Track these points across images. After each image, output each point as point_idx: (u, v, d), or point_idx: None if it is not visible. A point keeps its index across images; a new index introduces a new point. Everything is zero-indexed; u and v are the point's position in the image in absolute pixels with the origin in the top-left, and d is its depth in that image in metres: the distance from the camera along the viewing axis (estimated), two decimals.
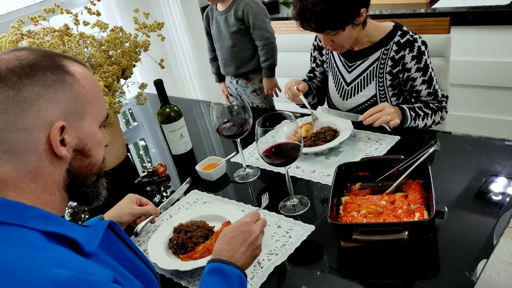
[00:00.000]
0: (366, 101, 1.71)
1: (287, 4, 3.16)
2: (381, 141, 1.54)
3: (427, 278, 1.03)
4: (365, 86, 1.70)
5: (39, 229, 0.76)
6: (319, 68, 1.90)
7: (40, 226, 0.76)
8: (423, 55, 1.58)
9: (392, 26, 1.63)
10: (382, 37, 1.63)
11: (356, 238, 1.05)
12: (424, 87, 1.60)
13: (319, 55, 1.87)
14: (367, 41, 1.65)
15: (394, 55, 1.61)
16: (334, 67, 1.79)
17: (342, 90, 1.77)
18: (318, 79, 1.92)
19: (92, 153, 0.87)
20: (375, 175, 1.28)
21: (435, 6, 2.42)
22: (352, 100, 1.75)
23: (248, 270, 1.11)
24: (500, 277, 2.00)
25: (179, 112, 1.70)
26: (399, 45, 1.60)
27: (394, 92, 1.68)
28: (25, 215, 0.77)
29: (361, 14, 1.52)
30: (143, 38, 1.73)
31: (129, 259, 0.96)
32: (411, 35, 1.59)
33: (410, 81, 1.62)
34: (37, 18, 1.61)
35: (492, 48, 2.31)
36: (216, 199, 1.47)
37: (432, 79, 1.61)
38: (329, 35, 1.55)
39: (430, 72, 1.60)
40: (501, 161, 1.32)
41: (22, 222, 0.75)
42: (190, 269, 1.16)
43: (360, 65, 1.69)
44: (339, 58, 1.76)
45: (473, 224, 1.14)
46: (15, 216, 0.76)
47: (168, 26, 3.16)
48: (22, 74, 0.78)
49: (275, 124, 1.34)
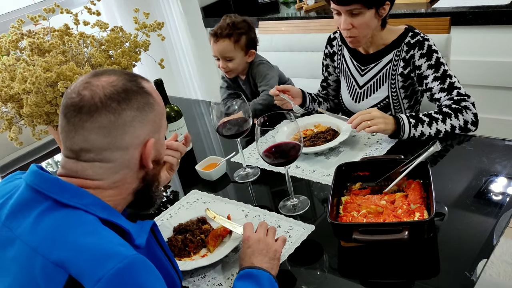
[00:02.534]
0: (379, 103, 1.71)
1: (287, 4, 3.16)
2: (381, 141, 1.54)
3: (427, 278, 1.03)
4: (377, 88, 1.70)
5: (98, 215, 0.84)
6: (332, 76, 1.89)
7: (99, 213, 0.84)
8: (434, 53, 1.56)
9: (404, 29, 1.63)
10: (394, 39, 1.63)
11: (356, 238, 1.05)
12: (437, 84, 1.54)
13: (331, 62, 1.86)
14: (381, 43, 1.65)
15: (405, 55, 1.61)
16: (346, 71, 1.79)
17: (355, 93, 1.77)
18: (332, 87, 1.92)
19: (161, 160, 0.99)
20: (375, 175, 1.28)
21: (435, 6, 2.42)
22: (364, 102, 1.74)
23: None
24: (500, 277, 2.00)
25: (179, 112, 1.70)
26: (409, 45, 1.59)
27: (406, 94, 1.67)
28: (87, 201, 0.84)
29: (385, 6, 1.53)
30: (143, 38, 1.73)
31: (163, 265, 0.98)
32: (422, 36, 1.58)
33: (423, 79, 1.58)
34: (37, 18, 1.61)
35: (492, 48, 2.31)
36: (216, 199, 1.47)
37: (446, 76, 1.54)
38: (351, 14, 1.52)
39: (444, 69, 1.54)
40: (501, 161, 1.32)
41: (84, 206, 0.83)
42: (190, 269, 1.16)
43: (373, 68, 1.69)
44: (351, 62, 1.75)
45: (473, 224, 1.14)
46: (78, 201, 0.83)
47: (168, 26, 3.15)
48: (120, 100, 0.87)
49: (275, 124, 1.34)
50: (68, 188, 0.85)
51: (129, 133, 0.87)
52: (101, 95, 0.85)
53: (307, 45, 2.24)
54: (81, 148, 0.86)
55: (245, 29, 1.94)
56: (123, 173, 0.89)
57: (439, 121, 1.47)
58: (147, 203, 0.99)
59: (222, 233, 1.24)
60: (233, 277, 1.14)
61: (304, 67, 2.26)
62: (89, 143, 0.86)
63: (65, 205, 0.83)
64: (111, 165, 0.88)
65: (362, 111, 1.49)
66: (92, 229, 0.81)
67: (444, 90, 1.54)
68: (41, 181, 0.85)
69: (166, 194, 1.59)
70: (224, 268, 1.18)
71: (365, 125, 1.44)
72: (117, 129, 0.86)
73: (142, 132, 0.89)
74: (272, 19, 2.97)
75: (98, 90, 0.86)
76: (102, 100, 0.85)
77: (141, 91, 0.90)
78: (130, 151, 0.89)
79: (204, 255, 1.21)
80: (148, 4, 3.04)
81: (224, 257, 1.18)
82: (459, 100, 1.51)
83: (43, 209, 0.82)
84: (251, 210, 1.37)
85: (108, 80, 0.88)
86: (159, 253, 0.98)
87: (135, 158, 0.90)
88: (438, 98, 1.56)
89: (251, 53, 1.98)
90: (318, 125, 1.68)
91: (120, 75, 0.90)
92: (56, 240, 0.79)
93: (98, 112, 0.85)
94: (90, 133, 0.85)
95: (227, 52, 1.94)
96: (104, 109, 0.85)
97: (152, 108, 0.91)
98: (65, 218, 0.82)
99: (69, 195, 0.84)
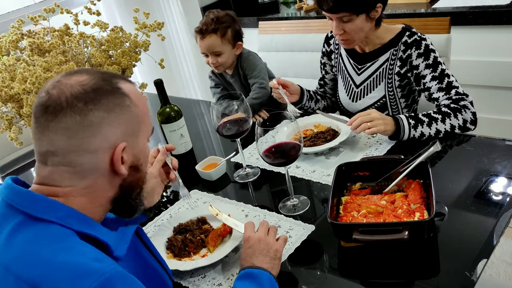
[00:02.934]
0: (375, 102, 1.71)
1: (287, 4, 3.16)
2: (381, 141, 1.54)
3: (427, 278, 1.03)
4: (374, 87, 1.70)
5: (73, 228, 0.80)
6: (329, 75, 1.89)
7: (74, 226, 0.80)
8: (431, 52, 1.55)
9: (401, 28, 1.63)
10: (391, 38, 1.63)
11: (356, 238, 1.05)
12: (435, 83, 1.54)
13: (328, 60, 1.86)
14: (377, 43, 1.65)
15: (402, 55, 1.61)
16: (343, 70, 1.79)
17: (352, 92, 1.77)
18: (328, 86, 1.92)
19: (142, 167, 0.91)
20: (375, 175, 1.28)
21: (435, 6, 2.42)
22: (361, 101, 1.74)
23: None
24: (500, 277, 2.00)
25: (179, 112, 1.70)
26: (406, 44, 1.59)
27: (403, 93, 1.67)
28: (62, 214, 0.80)
29: (377, 9, 1.53)
30: (143, 38, 1.73)
31: (152, 267, 0.97)
32: (419, 35, 1.58)
33: (421, 79, 1.58)
34: (37, 18, 1.61)
35: (492, 48, 2.31)
36: (216, 199, 1.47)
37: (444, 75, 1.54)
38: (342, 21, 1.53)
39: (442, 69, 1.54)
40: (501, 161, 1.32)
41: (58, 220, 0.79)
42: (190, 269, 1.16)
43: (369, 67, 1.69)
44: (348, 61, 1.76)
45: (473, 224, 1.14)
46: (52, 214, 0.79)
47: (168, 26, 3.15)
48: (87, 100, 0.81)
49: (275, 124, 1.34)
50: (40, 200, 0.81)
51: (98, 135, 0.82)
52: (68, 94, 0.81)
53: (307, 45, 2.24)
54: (47, 150, 0.82)
55: (230, 22, 1.93)
56: (92, 178, 0.84)
57: (438, 121, 1.47)
58: (127, 211, 0.93)
59: (222, 233, 1.24)
60: (233, 277, 1.14)
61: (304, 67, 2.26)
62: (54, 145, 0.81)
63: (38, 219, 0.79)
64: (78, 169, 0.82)
65: (361, 112, 1.49)
66: (67, 245, 0.77)
67: (442, 89, 1.54)
68: (14, 195, 0.82)
69: (166, 194, 1.59)
70: (224, 268, 1.18)
71: (365, 127, 1.44)
72: (83, 131, 0.81)
73: (112, 135, 0.83)
74: (272, 19, 2.98)
75: (66, 89, 0.81)
76: (68, 99, 0.81)
77: (115, 92, 0.85)
78: (99, 154, 0.83)
79: (204, 255, 1.21)
80: (148, 4, 3.04)
81: (224, 257, 1.18)
82: (458, 99, 1.51)
83: (16, 225, 0.79)
84: (251, 210, 1.37)
85: (78, 79, 0.83)
86: (147, 256, 0.97)
87: (105, 163, 0.84)
88: (436, 98, 1.56)
89: (239, 46, 1.98)
90: (318, 125, 1.69)
91: (94, 74, 0.85)
92: (29, 258, 0.75)
93: (62, 112, 0.80)
94: (55, 134, 0.81)
95: (216, 46, 1.93)
96: (69, 109, 0.80)
97: (127, 110, 0.85)
98: (39, 234, 0.78)
99: (42, 209, 0.80)
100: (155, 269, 0.97)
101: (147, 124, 0.91)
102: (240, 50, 2.00)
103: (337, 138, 1.55)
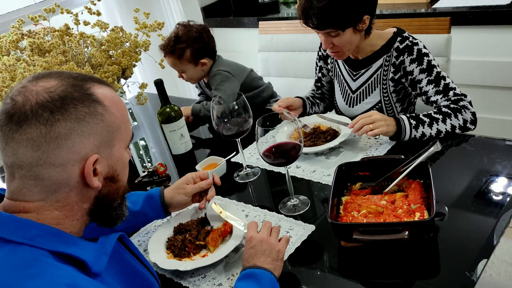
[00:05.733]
0: (372, 107, 1.71)
1: (287, 4, 3.16)
2: (381, 141, 1.54)
3: (427, 278, 1.03)
4: (370, 93, 1.70)
5: (46, 248, 0.74)
6: (325, 78, 1.89)
7: (47, 246, 0.75)
8: (424, 56, 1.55)
9: (393, 33, 1.62)
10: (383, 44, 1.62)
11: (356, 238, 1.05)
12: (431, 87, 1.54)
13: (325, 64, 1.86)
14: (369, 50, 1.65)
15: (395, 61, 1.60)
16: (339, 75, 1.79)
17: (348, 98, 1.77)
18: (325, 88, 1.92)
19: (120, 177, 0.86)
20: (375, 175, 1.28)
21: (435, 6, 2.42)
22: (358, 107, 1.75)
23: None
24: (501, 277, 2.00)
25: (179, 112, 1.70)
26: (398, 51, 1.59)
27: (399, 97, 1.67)
28: (32, 233, 0.75)
29: (364, 21, 1.52)
30: (143, 38, 1.73)
31: (139, 272, 0.95)
32: (411, 40, 1.57)
33: (416, 84, 1.58)
34: (37, 18, 1.61)
35: (492, 48, 2.31)
36: (216, 199, 1.47)
37: (440, 78, 1.54)
38: (330, 36, 1.54)
39: (437, 72, 1.54)
40: (501, 161, 1.32)
41: (29, 241, 0.74)
42: (190, 269, 1.16)
43: (364, 74, 1.69)
44: (344, 67, 1.76)
45: (474, 224, 1.15)
46: (22, 235, 0.74)
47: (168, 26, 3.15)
48: (54, 109, 0.75)
49: (275, 124, 1.34)
50: (9, 220, 0.75)
51: (65, 147, 0.76)
52: (33, 102, 0.75)
53: (307, 45, 2.24)
54: (12, 163, 0.77)
55: (189, 42, 1.91)
56: (64, 192, 0.78)
57: (439, 121, 1.47)
58: (107, 222, 0.89)
59: (222, 233, 1.24)
60: (233, 277, 1.14)
61: (304, 67, 2.26)
62: (18, 158, 0.75)
63: (7, 241, 0.73)
64: (46, 183, 0.77)
65: (363, 114, 1.48)
66: (35, 271, 0.70)
67: (440, 92, 1.54)
68: None
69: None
70: (224, 268, 1.18)
71: (367, 129, 1.44)
72: (48, 143, 0.75)
73: (82, 147, 0.77)
74: (272, 19, 2.97)
75: (31, 97, 0.75)
76: (33, 108, 0.74)
77: (86, 99, 0.78)
78: (68, 168, 0.77)
79: (205, 255, 1.21)
80: (148, 4, 3.04)
81: (224, 257, 1.18)
82: (457, 100, 1.51)
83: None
84: (251, 210, 1.37)
85: (45, 85, 0.77)
86: (132, 262, 0.95)
87: (76, 176, 0.78)
88: (434, 101, 1.56)
89: (202, 63, 1.96)
90: (319, 125, 1.69)
91: (63, 79, 0.79)
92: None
93: (27, 122, 0.74)
94: (19, 146, 0.75)
95: (176, 66, 1.97)
96: (34, 119, 0.74)
97: (100, 118, 0.79)
98: (7, 258, 0.72)
99: (11, 229, 0.74)
100: (141, 273, 0.95)
101: (125, 131, 0.85)
102: (208, 66, 1.99)
103: (337, 138, 1.55)
